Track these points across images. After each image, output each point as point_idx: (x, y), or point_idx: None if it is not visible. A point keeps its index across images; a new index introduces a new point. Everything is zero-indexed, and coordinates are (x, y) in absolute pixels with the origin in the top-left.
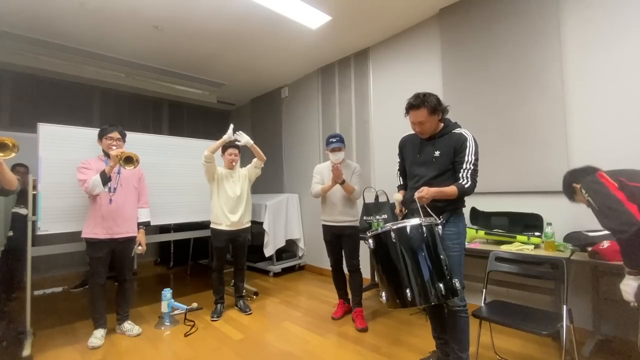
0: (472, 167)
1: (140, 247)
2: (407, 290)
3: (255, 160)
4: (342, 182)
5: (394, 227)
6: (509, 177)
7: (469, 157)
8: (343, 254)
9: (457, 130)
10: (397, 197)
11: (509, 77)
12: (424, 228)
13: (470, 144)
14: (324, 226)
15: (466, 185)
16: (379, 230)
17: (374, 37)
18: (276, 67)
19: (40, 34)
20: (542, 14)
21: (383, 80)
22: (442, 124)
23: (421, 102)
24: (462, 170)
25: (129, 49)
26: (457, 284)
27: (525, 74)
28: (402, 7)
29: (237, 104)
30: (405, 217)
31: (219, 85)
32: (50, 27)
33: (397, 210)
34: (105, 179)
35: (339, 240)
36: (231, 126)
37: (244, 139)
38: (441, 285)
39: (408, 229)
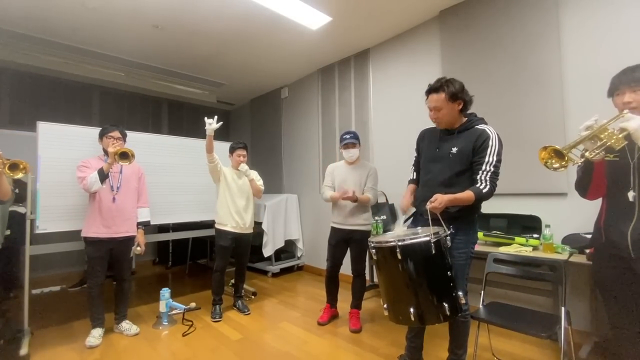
0: (492, 169)
1: (139, 248)
2: (411, 309)
3: (259, 187)
4: (355, 201)
5: (400, 243)
6: (507, 178)
7: (490, 157)
8: (344, 260)
9: (481, 126)
10: (403, 205)
11: (508, 79)
12: (432, 245)
13: (493, 143)
14: (333, 229)
15: (484, 190)
16: (383, 244)
17: (374, 38)
18: (276, 67)
19: (40, 32)
20: (542, 16)
21: (383, 81)
22: (466, 119)
23: (440, 86)
24: (480, 172)
25: (129, 48)
26: (462, 299)
27: (525, 76)
28: (402, 9)
29: (237, 104)
30: (413, 216)
31: (219, 85)
32: (51, 26)
33: (402, 211)
34: (103, 176)
35: (346, 245)
36: (206, 118)
37: (243, 168)
38: (446, 305)
39: (415, 247)
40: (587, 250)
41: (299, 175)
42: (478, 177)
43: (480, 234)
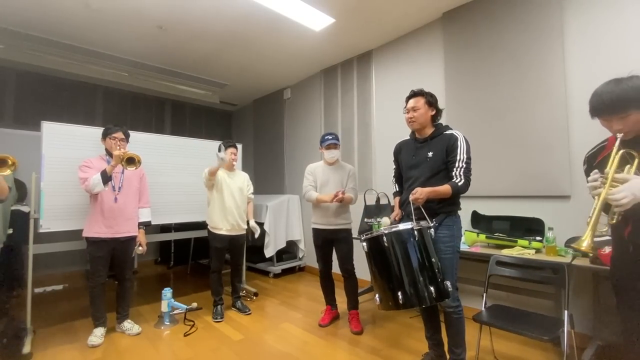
0: (464, 165)
1: (140, 248)
2: (399, 293)
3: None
4: (341, 201)
5: (386, 231)
6: (510, 181)
7: (461, 155)
8: (334, 259)
9: (448, 132)
10: (384, 221)
11: (511, 81)
12: (416, 232)
13: (461, 143)
14: (315, 230)
15: (460, 184)
16: (372, 234)
17: (377, 40)
18: (279, 68)
19: (44, 32)
20: (546, 18)
21: (386, 83)
22: (435, 128)
23: (421, 92)
24: (455, 169)
25: (133, 48)
26: (449, 286)
27: (528, 78)
28: (406, 10)
29: (240, 105)
30: (401, 220)
31: (222, 86)
32: (55, 26)
33: (392, 218)
34: (106, 178)
35: (331, 245)
36: (217, 153)
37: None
38: (432, 288)
39: (400, 234)
40: (591, 254)
41: (301, 176)
42: (453, 173)
43: (482, 236)
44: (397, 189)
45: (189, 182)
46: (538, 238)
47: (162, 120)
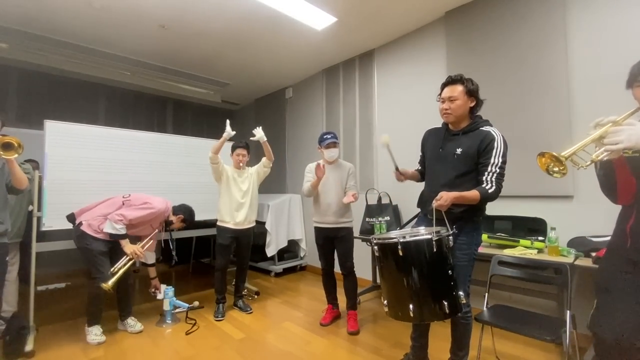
0: (497, 171)
1: (158, 292)
2: (411, 305)
3: (264, 159)
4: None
5: (402, 240)
6: (512, 181)
7: (496, 159)
8: (336, 257)
9: (486, 128)
10: (383, 138)
11: (514, 81)
12: (434, 243)
13: (498, 144)
14: (317, 228)
15: (490, 190)
16: (386, 241)
17: (379, 39)
18: (281, 67)
19: (47, 31)
20: (549, 18)
21: (388, 82)
22: (471, 120)
23: (460, 79)
24: (486, 173)
25: (135, 47)
26: (462, 298)
27: (531, 78)
28: (408, 10)
29: (242, 104)
30: (416, 217)
31: (224, 85)
32: (58, 25)
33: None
34: (117, 238)
35: (332, 243)
36: (227, 122)
37: (259, 134)
38: (445, 303)
39: (417, 244)
40: (594, 254)
41: (303, 176)
42: (484, 178)
43: (484, 236)
44: (418, 169)
45: (190, 181)
46: (540, 238)
47: (164, 120)
